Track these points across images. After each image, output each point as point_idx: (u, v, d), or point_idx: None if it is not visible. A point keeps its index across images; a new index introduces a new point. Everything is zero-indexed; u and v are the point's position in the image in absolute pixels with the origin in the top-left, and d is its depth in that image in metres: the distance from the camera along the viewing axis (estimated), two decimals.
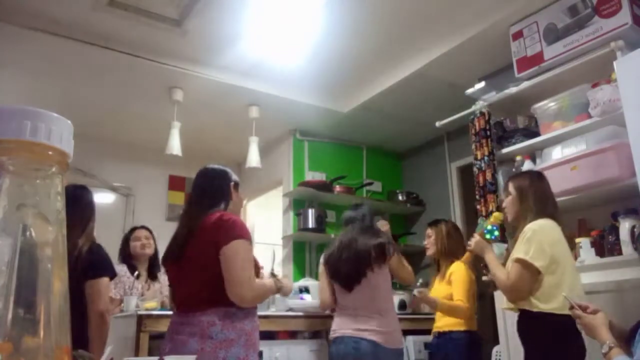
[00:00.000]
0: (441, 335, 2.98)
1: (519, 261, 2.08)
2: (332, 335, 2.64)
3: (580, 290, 2.13)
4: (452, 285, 2.98)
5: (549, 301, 2.03)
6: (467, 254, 2.58)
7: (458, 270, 2.99)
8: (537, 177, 2.32)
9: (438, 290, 3.06)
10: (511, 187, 2.31)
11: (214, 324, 1.82)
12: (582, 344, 1.98)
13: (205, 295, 1.86)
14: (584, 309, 1.65)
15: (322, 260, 2.87)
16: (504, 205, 2.38)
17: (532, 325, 2.10)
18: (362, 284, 2.57)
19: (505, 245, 2.67)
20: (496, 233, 2.46)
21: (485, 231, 2.43)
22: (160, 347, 2.03)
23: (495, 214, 2.53)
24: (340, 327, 2.60)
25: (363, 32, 3.36)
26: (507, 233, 2.73)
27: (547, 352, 2.03)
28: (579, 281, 2.17)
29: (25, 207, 0.40)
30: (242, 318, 1.89)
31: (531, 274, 2.05)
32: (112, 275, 2.39)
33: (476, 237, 2.40)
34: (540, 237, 2.09)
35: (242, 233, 1.92)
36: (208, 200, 2.07)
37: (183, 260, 1.94)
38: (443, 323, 2.99)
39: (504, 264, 2.24)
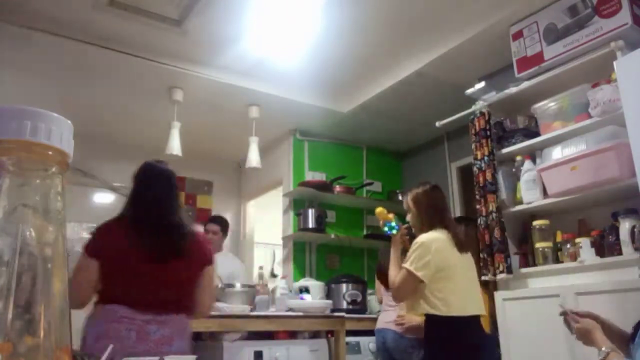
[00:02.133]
0: None
1: (405, 269, 2.34)
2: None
3: (469, 291, 2.39)
4: None
5: (436, 304, 2.29)
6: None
7: None
8: (428, 189, 2.56)
9: None
10: (410, 202, 2.56)
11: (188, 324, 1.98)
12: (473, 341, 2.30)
13: (184, 301, 1.98)
14: (580, 316, 1.66)
15: None
16: (407, 219, 2.61)
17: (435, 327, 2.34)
18: None
19: None
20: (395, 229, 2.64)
21: (388, 228, 2.62)
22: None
23: (379, 209, 2.72)
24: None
25: (363, 32, 3.36)
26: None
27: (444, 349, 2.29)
28: (468, 281, 2.41)
29: (25, 207, 0.40)
30: None
31: (413, 282, 2.31)
32: None
33: (401, 230, 2.63)
34: (423, 250, 2.32)
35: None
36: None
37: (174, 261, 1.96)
38: None
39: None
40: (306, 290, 3.44)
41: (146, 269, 1.90)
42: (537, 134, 2.97)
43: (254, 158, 4.16)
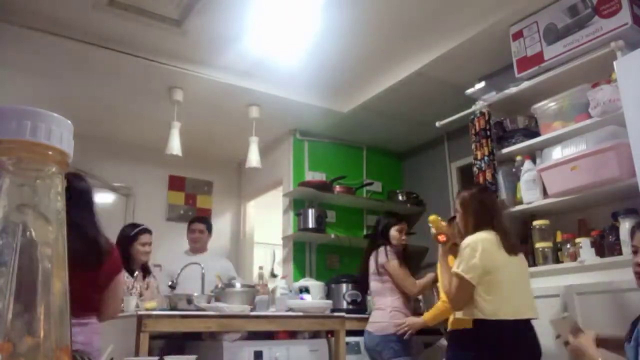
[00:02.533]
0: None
1: (455, 274, 2.28)
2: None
3: (519, 293, 2.30)
4: None
5: (483, 306, 2.20)
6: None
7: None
8: (476, 191, 2.50)
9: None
10: (457, 204, 2.50)
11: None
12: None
13: (96, 304, 2.18)
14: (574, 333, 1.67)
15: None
16: (457, 221, 2.55)
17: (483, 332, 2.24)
18: None
19: None
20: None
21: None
22: None
23: (432, 217, 2.64)
24: None
25: (363, 32, 3.36)
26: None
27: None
28: (518, 283, 2.32)
29: (25, 207, 0.40)
30: None
31: (467, 287, 2.23)
32: None
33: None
34: (470, 251, 2.27)
35: None
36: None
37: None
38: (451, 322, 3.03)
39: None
40: (306, 290, 3.43)
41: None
42: (537, 134, 2.97)
43: (254, 158, 4.16)
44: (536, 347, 2.25)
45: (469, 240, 2.32)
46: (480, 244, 2.28)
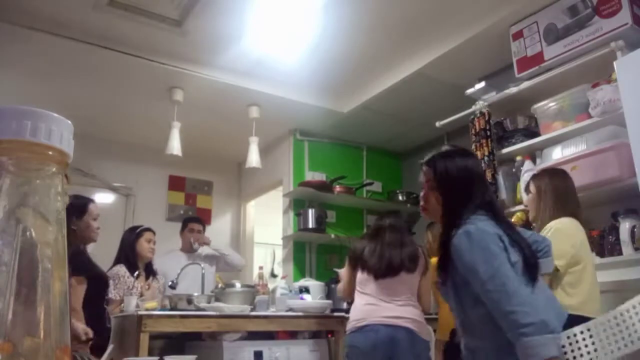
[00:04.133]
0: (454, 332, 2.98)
1: None
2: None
3: (597, 290, 2.14)
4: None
5: (565, 299, 2.01)
6: None
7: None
8: (556, 175, 2.32)
9: None
10: (532, 186, 2.33)
11: None
12: None
13: None
14: None
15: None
16: (525, 203, 2.40)
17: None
18: None
19: None
20: None
21: None
22: None
23: (518, 213, 2.57)
24: None
25: (363, 32, 3.36)
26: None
27: None
28: (596, 280, 2.17)
29: (25, 207, 0.40)
30: None
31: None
32: None
33: None
34: (560, 236, 2.07)
35: None
36: None
37: None
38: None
39: None
40: (306, 290, 3.43)
41: None
42: (537, 134, 2.97)
43: (254, 158, 4.16)
44: None
45: (558, 224, 2.09)
46: (571, 230, 2.09)
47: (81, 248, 2.49)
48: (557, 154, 2.81)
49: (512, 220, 2.50)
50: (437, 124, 3.64)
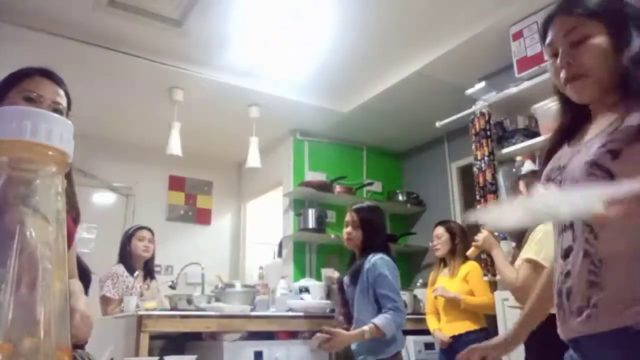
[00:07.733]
0: (457, 338, 2.97)
1: (530, 261, 2.02)
2: None
3: None
4: (471, 283, 3.04)
5: None
6: (472, 249, 2.57)
7: (475, 269, 3.08)
8: None
9: (449, 287, 3.08)
10: (521, 187, 2.32)
11: None
12: None
13: None
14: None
15: None
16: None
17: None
18: None
19: (513, 244, 2.67)
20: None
21: None
22: None
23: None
24: None
25: (363, 32, 3.36)
26: (512, 233, 2.74)
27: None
28: None
29: (25, 207, 0.40)
30: None
31: (540, 274, 2.01)
32: None
33: (484, 233, 2.41)
34: (551, 239, 2.06)
35: None
36: None
37: None
38: (455, 326, 3.00)
39: (511, 263, 2.22)
40: (306, 290, 3.43)
41: None
42: (537, 134, 2.97)
43: (254, 158, 4.16)
44: None
45: (547, 227, 2.04)
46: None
47: None
48: None
49: None
50: (437, 124, 3.64)
